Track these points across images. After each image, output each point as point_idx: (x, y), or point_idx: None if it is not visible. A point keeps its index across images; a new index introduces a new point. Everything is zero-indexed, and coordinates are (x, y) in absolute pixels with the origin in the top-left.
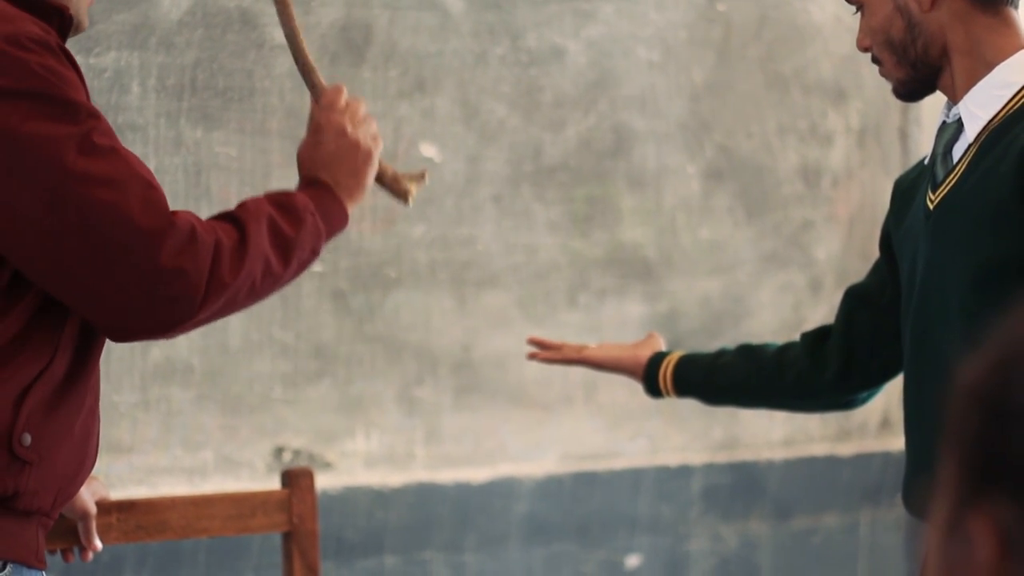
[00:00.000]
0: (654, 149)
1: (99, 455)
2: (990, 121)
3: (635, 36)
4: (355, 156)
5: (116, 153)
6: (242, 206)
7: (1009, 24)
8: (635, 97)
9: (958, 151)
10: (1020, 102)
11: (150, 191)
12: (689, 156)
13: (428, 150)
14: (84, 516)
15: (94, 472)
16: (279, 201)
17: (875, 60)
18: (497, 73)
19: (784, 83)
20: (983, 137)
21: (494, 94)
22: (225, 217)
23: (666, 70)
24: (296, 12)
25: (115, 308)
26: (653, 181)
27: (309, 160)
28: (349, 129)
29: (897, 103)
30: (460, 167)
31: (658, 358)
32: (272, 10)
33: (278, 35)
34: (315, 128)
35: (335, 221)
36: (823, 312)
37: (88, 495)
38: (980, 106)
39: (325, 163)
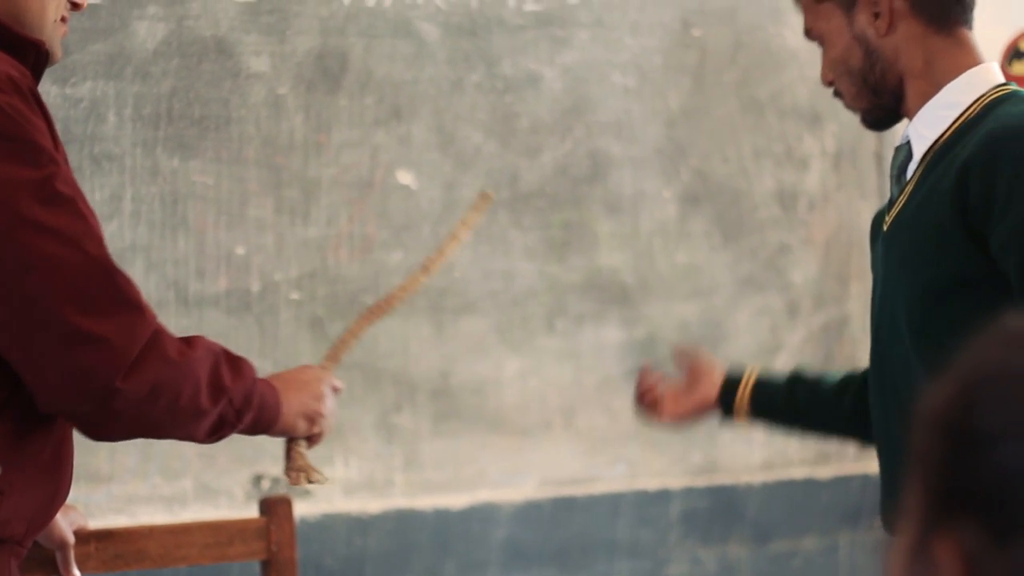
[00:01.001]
0: (630, 174)
1: (78, 484)
2: (936, 141)
3: (610, 62)
4: (311, 403)
5: (73, 205)
6: (194, 336)
7: (962, 45)
8: (611, 123)
9: (909, 173)
10: (964, 121)
11: (101, 252)
12: (665, 181)
13: (404, 177)
14: (62, 546)
15: (72, 501)
16: (231, 356)
17: (837, 94)
18: (473, 100)
19: (759, 107)
20: (928, 158)
21: (470, 121)
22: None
23: (642, 95)
24: (271, 41)
25: (33, 366)
26: (629, 206)
27: (281, 377)
28: (325, 394)
29: None
30: (436, 194)
31: (732, 384)
32: (249, 39)
33: (254, 64)
34: (306, 373)
35: (268, 411)
36: (800, 335)
37: (66, 524)
38: (927, 126)
39: (291, 386)
